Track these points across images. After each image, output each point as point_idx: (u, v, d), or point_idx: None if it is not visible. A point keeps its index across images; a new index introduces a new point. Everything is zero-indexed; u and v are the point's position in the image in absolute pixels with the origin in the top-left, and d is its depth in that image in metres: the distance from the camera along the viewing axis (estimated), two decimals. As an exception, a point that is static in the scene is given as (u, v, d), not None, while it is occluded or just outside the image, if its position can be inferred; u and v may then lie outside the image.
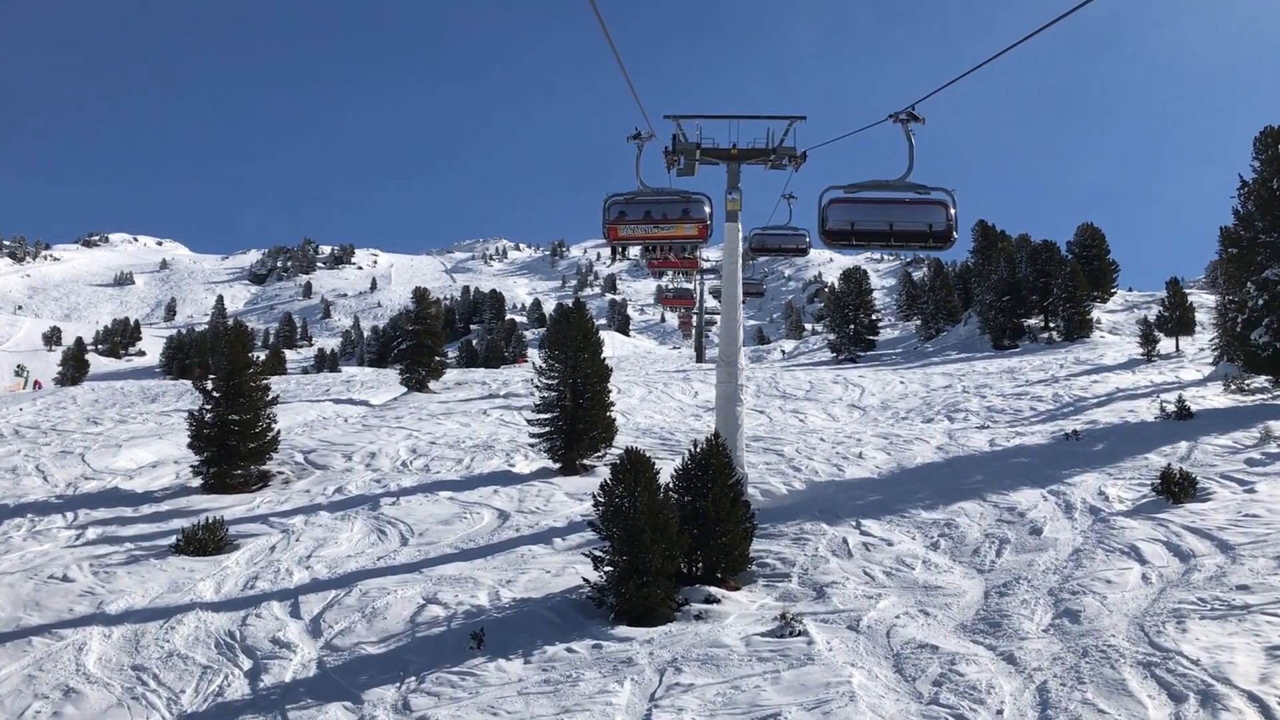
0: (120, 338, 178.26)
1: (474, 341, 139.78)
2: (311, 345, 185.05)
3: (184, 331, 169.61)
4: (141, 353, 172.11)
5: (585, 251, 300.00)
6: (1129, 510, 15.16)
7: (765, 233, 21.56)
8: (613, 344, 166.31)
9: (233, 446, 21.21)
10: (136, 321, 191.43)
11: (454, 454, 22.99)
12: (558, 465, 20.31)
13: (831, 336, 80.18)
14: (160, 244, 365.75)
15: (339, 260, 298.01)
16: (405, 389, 38.90)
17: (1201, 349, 37.97)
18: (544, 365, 20.56)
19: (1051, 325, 50.75)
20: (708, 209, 14.99)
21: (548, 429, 20.35)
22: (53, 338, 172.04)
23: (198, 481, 21.14)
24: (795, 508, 16.79)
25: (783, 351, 74.85)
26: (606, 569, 12.41)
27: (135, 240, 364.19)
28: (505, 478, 19.98)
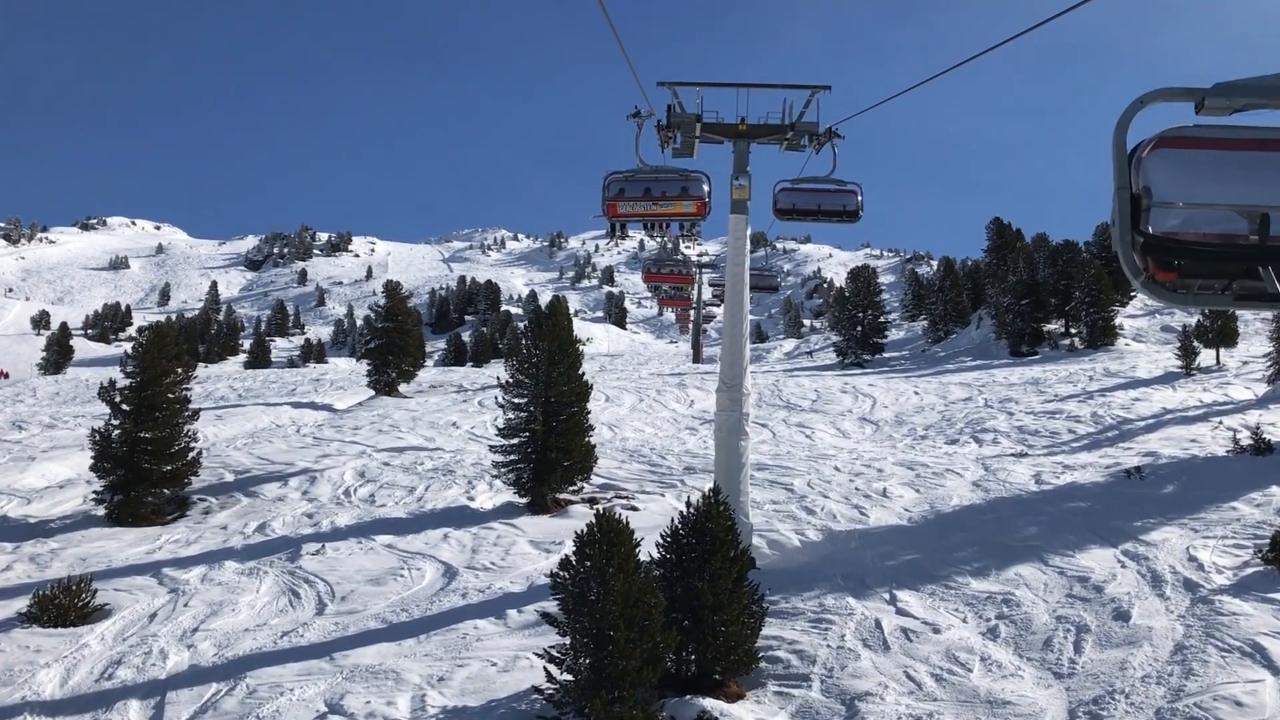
0: (110, 323, 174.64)
1: (465, 334, 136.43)
2: (304, 333, 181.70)
3: (173, 318, 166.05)
4: (132, 339, 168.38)
5: (584, 243, 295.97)
6: (1233, 585, 11.97)
7: (798, 187, 15.44)
8: (609, 338, 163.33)
9: (145, 469, 17.98)
10: (128, 306, 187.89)
11: (407, 480, 19.70)
12: (525, 500, 17.05)
13: (835, 338, 76.96)
14: (158, 228, 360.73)
15: (336, 247, 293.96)
16: (373, 392, 35.56)
17: (1245, 362, 34.77)
18: (511, 380, 17.28)
19: (1073, 331, 47.55)
20: (706, 186, 13.33)
21: (514, 457, 17.08)
22: (41, 322, 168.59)
23: (104, 509, 17.89)
24: (812, 570, 13.55)
25: (808, 355, 70.32)
26: (566, 678, 9.20)
27: (133, 224, 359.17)
28: (461, 516, 16.71)
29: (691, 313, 72.24)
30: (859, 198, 15.28)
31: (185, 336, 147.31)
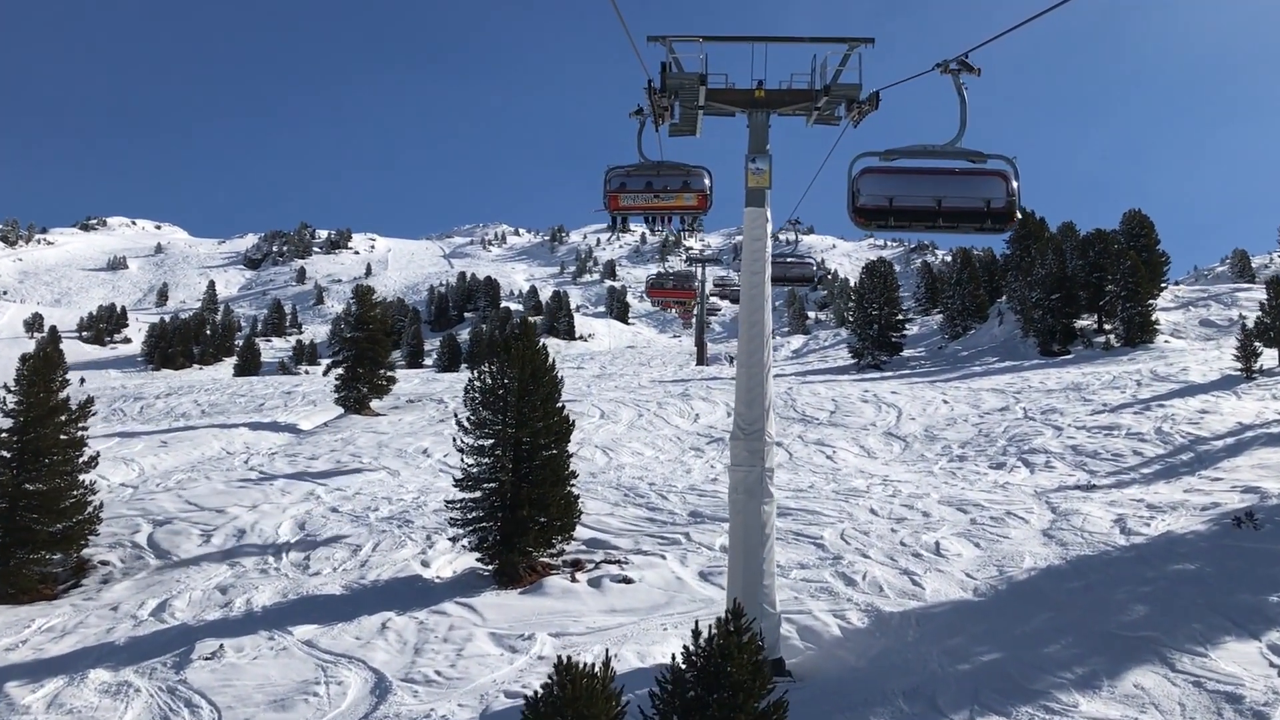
0: (106, 325, 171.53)
1: (464, 332, 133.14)
2: (301, 332, 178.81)
3: (167, 319, 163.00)
4: (127, 340, 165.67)
5: (585, 237, 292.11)
6: None
7: (894, 167, 10.17)
8: (611, 333, 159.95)
9: (31, 530, 14.68)
10: (123, 308, 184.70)
11: (354, 533, 16.34)
12: (491, 567, 13.69)
13: (842, 333, 73.38)
14: (159, 228, 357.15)
15: (335, 245, 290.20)
16: (342, 410, 32.09)
17: (1309, 363, 31.28)
18: (472, 419, 13.88)
19: (1107, 327, 44.06)
20: (707, 181, 12.15)
21: (478, 513, 13.71)
22: (34, 325, 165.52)
23: (-20, 579, 14.59)
24: (861, 681, 10.17)
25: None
26: None
27: (134, 224, 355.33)
28: (409, 592, 13.33)
29: (695, 309, 68.73)
30: (1013, 183, 10.02)
31: (180, 337, 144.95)
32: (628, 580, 13.09)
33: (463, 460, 13.87)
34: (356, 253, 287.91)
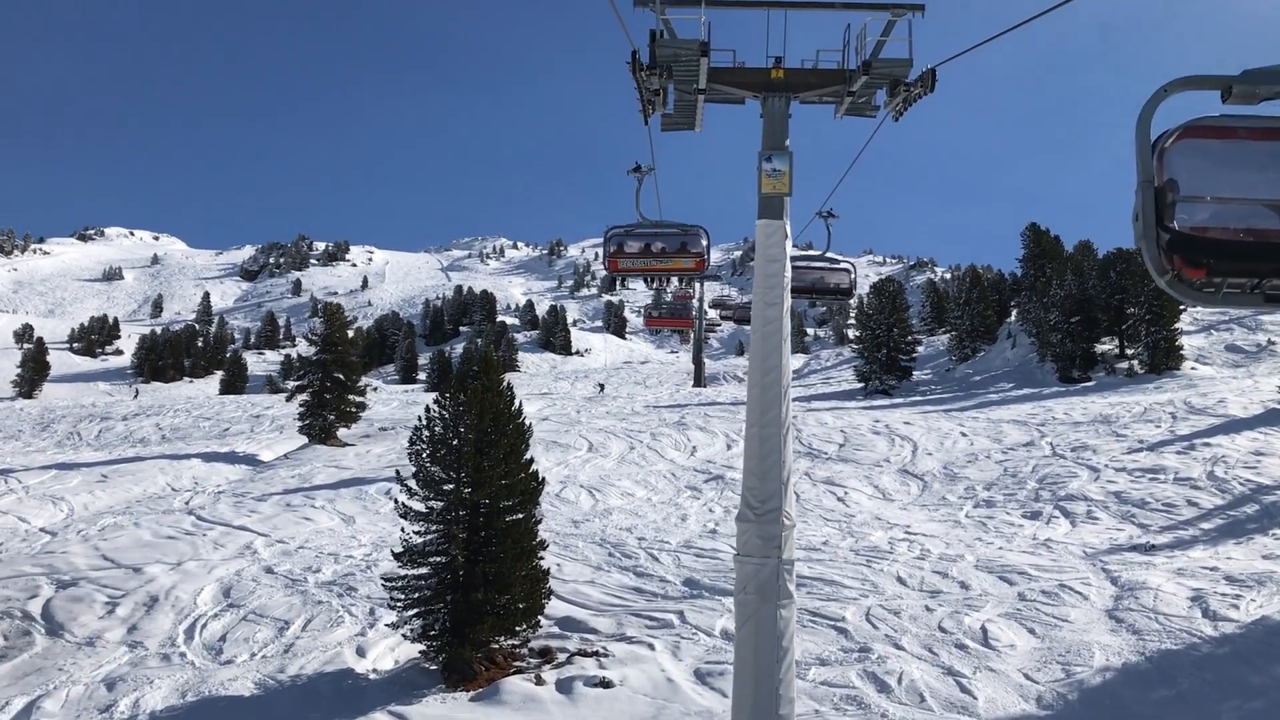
0: (97, 336, 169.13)
1: (458, 346, 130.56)
2: (294, 345, 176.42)
3: (157, 331, 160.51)
4: (119, 352, 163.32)
5: (583, 251, 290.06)
6: None
7: (1250, 126, 3.68)
8: (608, 348, 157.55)
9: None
10: (115, 319, 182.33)
11: (284, 604, 13.77)
12: (439, 661, 11.12)
13: (844, 351, 71.13)
14: (157, 238, 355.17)
15: (333, 257, 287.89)
16: (306, 439, 29.47)
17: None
18: (420, 476, 11.35)
19: (1129, 352, 41.64)
20: (705, 241, 12.10)
21: (423, 594, 11.17)
22: (24, 335, 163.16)
23: None
24: None
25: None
26: None
27: (131, 235, 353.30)
28: (334, 693, 10.76)
29: (694, 329, 66.32)
30: None
31: (171, 350, 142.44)
32: (606, 684, 10.50)
33: (403, 532, 11.32)
34: (354, 265, 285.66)
